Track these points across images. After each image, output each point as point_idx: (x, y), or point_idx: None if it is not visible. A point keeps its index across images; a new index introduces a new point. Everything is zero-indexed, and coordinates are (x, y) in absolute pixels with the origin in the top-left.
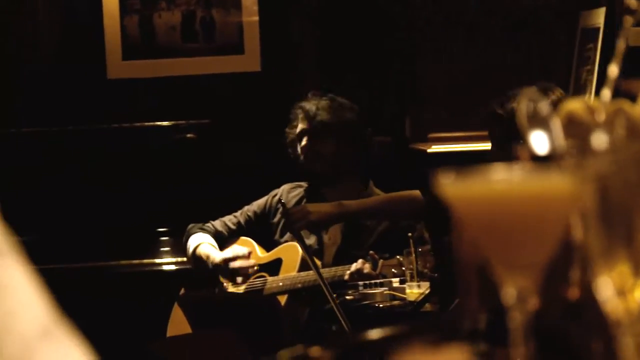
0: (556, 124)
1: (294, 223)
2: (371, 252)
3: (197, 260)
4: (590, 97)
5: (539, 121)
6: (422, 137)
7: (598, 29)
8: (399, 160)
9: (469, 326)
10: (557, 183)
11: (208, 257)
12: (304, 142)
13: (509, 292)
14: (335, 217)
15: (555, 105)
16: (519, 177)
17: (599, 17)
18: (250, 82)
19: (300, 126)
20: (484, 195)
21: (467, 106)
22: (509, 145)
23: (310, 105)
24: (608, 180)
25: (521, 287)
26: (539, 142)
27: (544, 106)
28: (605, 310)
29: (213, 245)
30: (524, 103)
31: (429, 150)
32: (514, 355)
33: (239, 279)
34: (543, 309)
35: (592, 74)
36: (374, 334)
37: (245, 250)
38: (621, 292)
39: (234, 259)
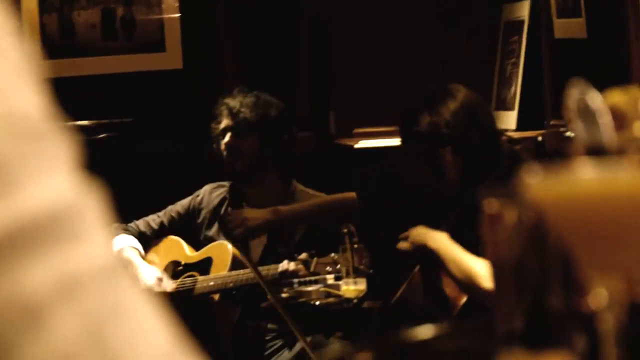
0: (606, 117)
1: (232, 230)
2: (304, 254)
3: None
4: (517, 90)
5: (587, 114)
6: (347, 132)
7: (522, 21)
8: (324, 156)
9: (506, 328)
10: None
11: (132, 265)
12: (226, 138)
13: (601, 294)
14: (272, 223)
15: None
16: (613, 175)
17: (524, 9)
18: (172, 80)
19: (224, 122)
20: (575, 195)
21: (393, 100)
22: (429, 163)
23: (234, 102)
24: None
25: (613, 289)
26: (589, 136)
27: (593, 98)
28: None
29: (139, 251)
30: (572, 95)
31: (355, 146)
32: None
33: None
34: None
35: (518, 66)
36: (416, 334)
37: (169, 287)
38: None
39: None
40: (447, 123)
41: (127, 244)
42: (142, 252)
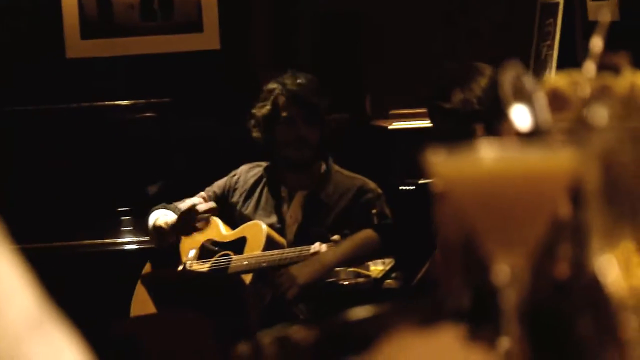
0: (541, 98)
1: (285, 293)
2: (335, 236)
3: (157, 231)
4: (551, 73)
5: (523, 96)
6: (382, 113)
7: (557, 3)
8: (359, 137)
9: (453, 305)
10: (555, 160)
11: (166, 222)
12: (299, 127)
13: (502, 270)
14: (320, 274)
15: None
16: (514, 155)
17: None
18: (209, 60)
19: (292, 111)
20: (478, 174)
21: (428, 82)
22: (464, 139)
23: (298, 87)
24: (611, 156)
25: (515, 265)
26: (523, 117)
27: (528, 80)
28: (596, 288)
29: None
30: (507, 77)
31: (389, 127)
32: (506, 334)
33: (199, 225)
34: (532, 287)
35: (553, 49)
36: (358, 314)
37: (197, 199)
38: (625, 269)
39: (189, 209)
40: (479, 99)
41: (165, 214)
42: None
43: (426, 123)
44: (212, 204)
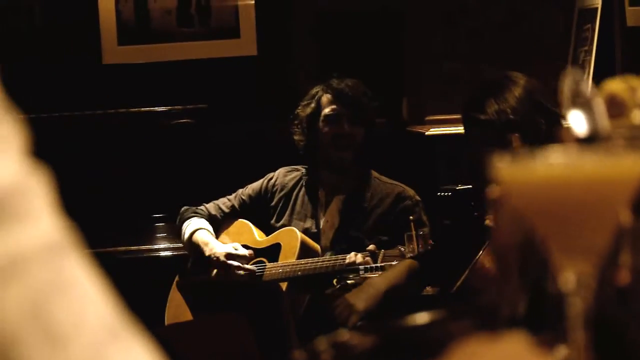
0: (599, 104)
1: (346, 321)
2: (371, 246)
3: (193, 246)
4: (589, 78)
5: (581, 102)
6: (419, 119)
7: (596, 9)
8: (396, 143)
9: (508, 311)
10: (620, 166)
11: (207, 244)
12: (344, 126)
13: (568, 278)
14: (376, 300)
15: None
16: (579, 161)
17: None
18: (246, 67)
19: (332, 108)
20: (542, 180)
21: (464, 88)
22: (501, 149)
23: (342, 85)
24: None
25: (581, 272)
26: (581, 123)
27: (587, 86)
28: None
29: (210, 232)
30: (567, 83)
31: (427, 133)
32: (571, 341)
33: (231, 274)
34: (595, 294)
35: (590, 54)
36: (415, 319)
37: (246, 252)
38: None
39: (236, 257)
40: (513, 109)
41: (199, 226)
42: (213, 233)
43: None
44: (247, 254)
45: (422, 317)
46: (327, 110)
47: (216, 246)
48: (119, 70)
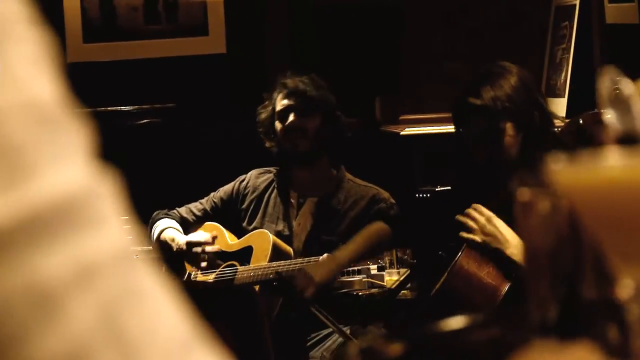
0: (638, 103)
1: (302, 293)
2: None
3: (161, 244)
4: (567, 77)
5: (620, 101)
6: (393, 119)
7: (574, 5)
8: (370, 143)
9: (539, 317)
10: None
11: (173, 239)
12: (290, 118)
13: (627, 284)
14: (335, 272)
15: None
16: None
17: None
18: (215, 65)
19: (284, 103)
20: (602, 182)
21: (438, 86)
22: (490, 138)
23: (293, 82)
24: None
25: (639, 279)
26: (620, 123)
27: (626, 85)
28: None
29: (178, 230)
30: (604, 81)
31: (402, 133)
32: (633, 350)
33: (204, 264)
34: None
35: (569, 52)
36: (447, 325)
37: (208, 236)
38: None
39: (198, 243)
40: (509, 97)
41: (167, 226)
42: (182, 231)
43: (439, 129)
44: (213, 247)
45: (454, 323)
46: (278, 108)
47: (180, 238)
48: (84, 68)
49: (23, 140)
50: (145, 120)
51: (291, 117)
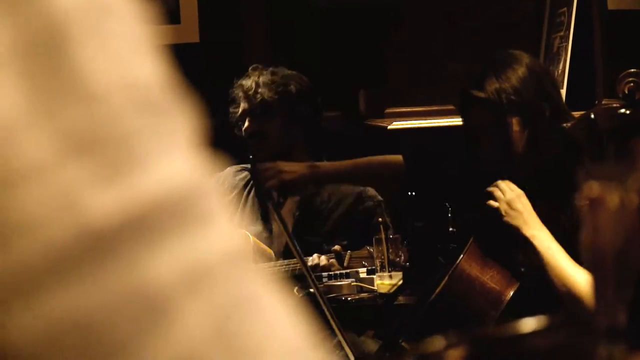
0: None
1: (264, 181)
2: (337, 246)
3: None
4: (565, 67)
5: None
6: (379, 112)
7: None
8: (354, 138)
9: (606, 323)
10: None
11: None
12: (246, 124)
13: None
14: (308, 178)
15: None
16: None
17: None
18: (187, 55)
19: (242, 106)
20: None
21: (427, 77)
22: (494, 133)
23: (249, 83)
24: None
25: None
26: None
27: None
28: None
29: None
30: None
31: (389, 127)
32: None
33: None
34: None
35: (567, 41)
36: (511, 329)
37: None
38: None
39: None
40: (515, 90)
41: None
42: None
43: (428, 122)
44: None
45: (524, 325)
46: (239, 110)
47: None
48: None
49: (127, 127)
50: None
51: (247, 123)
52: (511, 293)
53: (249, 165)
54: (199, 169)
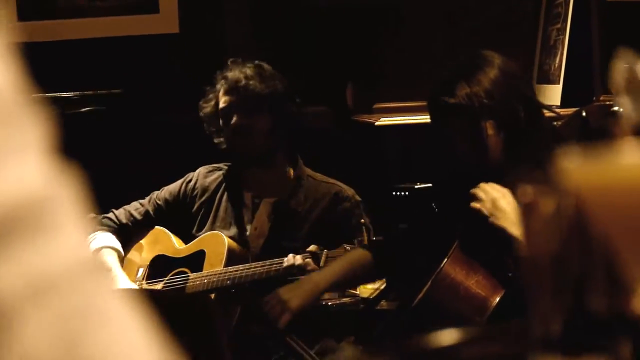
0: None
1: (276, 321)
2: (312, 246)
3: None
4: (562, 61)
5: (636, 88)
6: (367, 107)
7: None
8: (340, 135)
9: (541, 331)
10: None
11: (109, 271)
12: (234, 118)
13: None
14: (313, 296)
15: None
16: None
17: None
18: (166, 46)
19: (226, 99)
20: (623, 182)
21: (417, 71)
22: (468, 138)
23: (236, 74)
24: None
25: None
26: (637, 112)
27: None
28: None
29: (116, 252)
30: (619, 67)
31: (377, 123)
32: None
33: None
34: None
35: (564, 33)
36: (437, 340)
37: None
38: None
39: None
40: (487, 93)
41: (104, 244)
42: (122, 251)
43: (418, 119)
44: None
45: (447, 337)
46: (220, 104)
47: (119, 280)
48: (18, 49)
49: None
50: (87, 108)
51: (234, 118)
52: (497, 299)
53: (221, 165)
54: (49, 177)
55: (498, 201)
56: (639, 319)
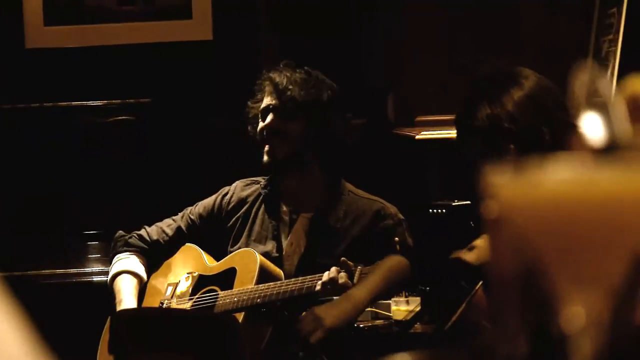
0: (619, 106)
1: (308, 337)
2: (343, 258)
3: (111, 292)
4: (614, 73)
5: (597, 103)
6: (408, 120)
7: None
8: (380, 148)
9: (506, 351)
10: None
11: (120, 302)
12: (268, 119)
13: (576, 313)
14: (350, 315)
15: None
16: (591, 176)
17: None
18: (199, 53)
19: (267, 101)
20: (548, 198)
21: (461, 84)
22: (492, 161)
23: (280, 78)
24: None
25: (591, 307)
26: (597, 129)
27: (605, 85)
28: None
29: (136, 278)
30: (581, 81)
31: (417, 137)
32: None
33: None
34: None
35: (616, 44)
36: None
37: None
38: None
39: None
40: (509, 116)
41: (124, 268)
42: (144, 276)
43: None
44: None
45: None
46: (262, 105)
47: (124, 306)
48: (45, 55)
49: None
50: (115, 118)
51: (269, 118)
52: None
53: (259, 179)
54: None
55: None
56: (569, 338)
